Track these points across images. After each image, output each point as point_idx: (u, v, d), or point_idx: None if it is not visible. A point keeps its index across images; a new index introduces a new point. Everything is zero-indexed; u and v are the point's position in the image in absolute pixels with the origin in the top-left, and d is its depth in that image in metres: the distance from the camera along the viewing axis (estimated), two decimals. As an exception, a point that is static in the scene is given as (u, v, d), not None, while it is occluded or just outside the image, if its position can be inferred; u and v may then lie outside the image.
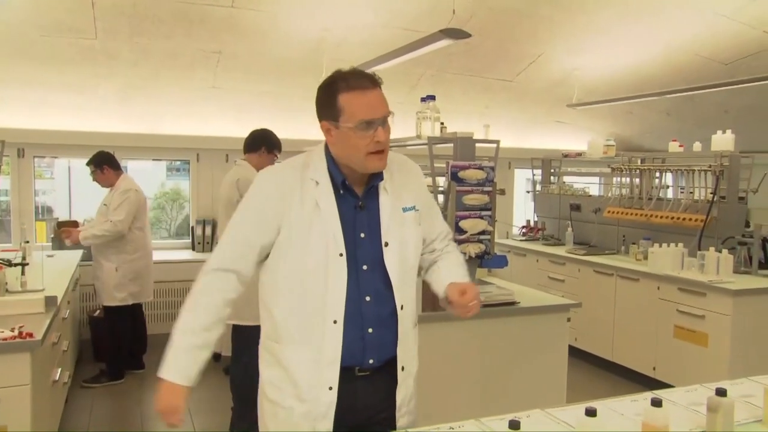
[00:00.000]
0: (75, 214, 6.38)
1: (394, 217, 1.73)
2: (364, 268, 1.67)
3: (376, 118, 1.61)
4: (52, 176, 8.15)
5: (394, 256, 1.70)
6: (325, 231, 1.65)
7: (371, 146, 1.62)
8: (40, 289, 3.22)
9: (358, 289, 1.66)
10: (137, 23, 4.60)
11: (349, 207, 1.69)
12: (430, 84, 5.99)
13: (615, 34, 5.27)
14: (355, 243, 1.67)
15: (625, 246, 5.21)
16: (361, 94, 1.62)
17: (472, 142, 3.04)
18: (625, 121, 7.32)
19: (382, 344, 1.70)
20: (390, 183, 1.75)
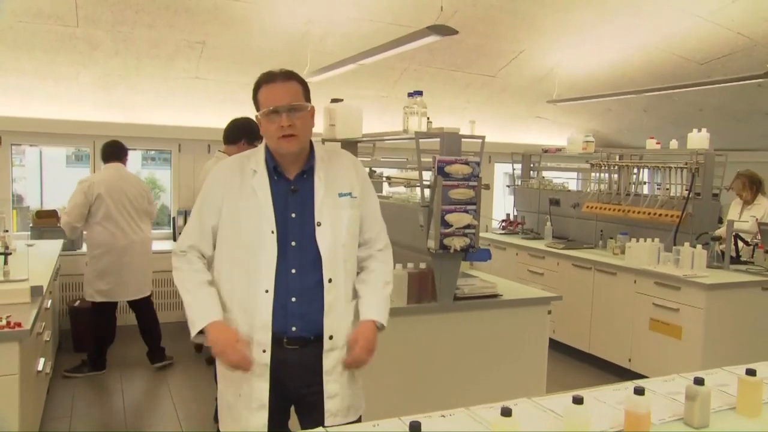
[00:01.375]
0: (46, 202, 6.29)
1: (327, 201, 1.94)
2: (292, 244, 1.90)
3: (279, 105, 1.86)
4: (22, 163, 8.03)
5: (326, 234, 1.91)
6: (259, 212, 1.89)
7: (278, 131, 1.87)
8: (24, 279, 3.19)
9: (285, 262, 1.88)
10: (120, 12, 4.56)
11: (282, 190, 1.93)
12: (413, 78, 6.04)
13: (594, 32, 5.37)
14: (286, 222, 1.90)
15: (602, 240, 5.32)
16: (271, 86, 1.90)
17: (459, 137, 3.08)
18: (603, 117, 7.45)
19: (306, 314, 1.88)
20: (324, 170, 1.97)
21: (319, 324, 1.89)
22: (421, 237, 3.11)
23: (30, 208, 6.52)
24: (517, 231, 6.21)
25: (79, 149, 6.26)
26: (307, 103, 1.92)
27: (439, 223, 2.99)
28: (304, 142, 1.92)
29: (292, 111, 1.87)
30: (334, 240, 1.92)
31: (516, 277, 5.31)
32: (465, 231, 3.04)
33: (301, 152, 1.94)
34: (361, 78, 5.72)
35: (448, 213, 2.99)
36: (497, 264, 5.79)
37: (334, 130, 3.86)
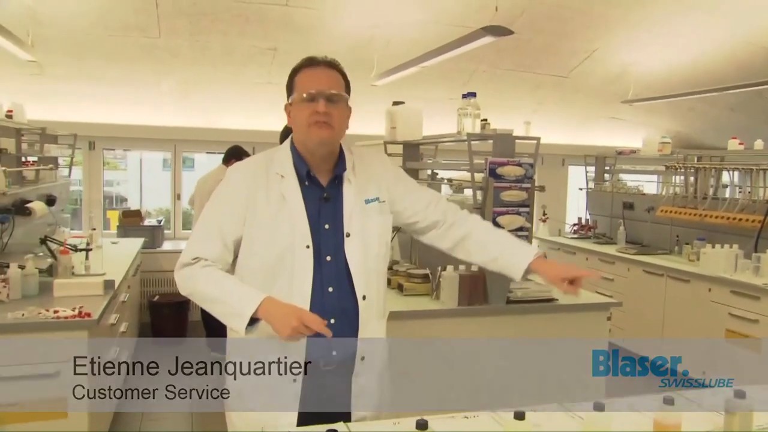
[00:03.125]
0: (146, 203, 6.71)
1: (356, 209, 1.76)
2: (327, 259, 1.71)
3: (319, 90, 1.68)
4: (125, 168, 8.60)
5: (356, 246, 1.73)
6: (292, 223, 1.69)
7: (311, 116, 1.67)
8: (101, 273, 3.44)
9: (321, 280, 1.69)
10: (197, 22, 4.81)
11: (315, 199, 1.73)
12: (482, 81, 5.98)
13: (672, 27, 5.13)
14: (319, 234, 1.70)
15: (678, 246, 5.07)
16: (311, 70, 1.74)
17: (512, 138, 3.05)
18: (685, 117, 7.08)
19: (342, 335, 1.69)
20: (353, 175, 1.79)
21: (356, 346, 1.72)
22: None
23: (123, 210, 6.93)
24: (589, 235, 6.02)
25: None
26: (347, 95, 1.75)
27: (490, 225, 2.96)
28: (338, 135, 1.73)
29: (331, 100, 1.69)
30: (365, 252, 1.74)
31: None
32: (517, 233, 3.00)
33: (332, 152, 1.76)
34: (429, 81, 5.74)
35: (499, 215, 2.96)
36: (566, 269, 5.64)
37: (395, 132, 3.92)
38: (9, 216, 3.27)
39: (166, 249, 5.69)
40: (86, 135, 5.73)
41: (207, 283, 1.67)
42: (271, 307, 1.59)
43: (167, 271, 5.55)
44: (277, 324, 1.57)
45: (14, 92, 4.85)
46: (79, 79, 5.39)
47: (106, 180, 7.74)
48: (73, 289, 3.01)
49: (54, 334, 2.53)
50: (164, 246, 5.76)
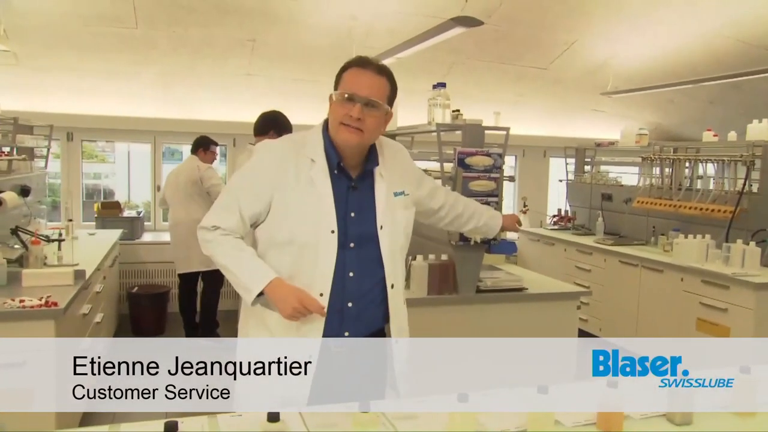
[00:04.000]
0: (133, 197, 6.67)
1: (388, 202, 1.82)
2: (351, 246, 1.77)
3: (357, 93, 1.71)
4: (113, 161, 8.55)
5: (387, 238, 1.81)
6: (319, 208, 1.74)
7: (344, 117, 1.72)
8: (74, 264, 3.44)
9: (343, 264, 1.75)
10: (174, 12, 4.78)
11: (342, 187, 1.78)
12: (461, 72, 5.99)
13: (652, 19, 5.15)
14: (345, 221, 1.76)
15: (654, 237, 5.11)
16: (360, 71, 1.75)
17: (481, 129, 3.07)
18: (665, 110, 7.13)
19: (361, 319, 1.79)
20: (384, 169, 1.84)
21: (373, 329, 1.82)
22: (443, 229, 3.11)
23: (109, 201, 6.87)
24: (569, 227, 6.06)
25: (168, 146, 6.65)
26: (387, 106, 1.76)
27: (459, 214, 2.98)
28: (367, 141, 1.77)
29: (369, 106, 1.72)
30: (393, 243, 1.83)
31: (563, 273, 5.21)
32: (486, 223, 3.01)
33: (361, 149, 1.80)
34: (409, 73, 5.70)
35: (468, 204, 2.98)
36: (545, 260, 5.69)
37: (369, 123, 3.92)
38: (-22, 206, 3.25)
39: (145, 240, 5.68)
40: (64, 126, 5.69)
41: (224, 254, 1.76)
42: (277, 288, 1.70)
43: (147, 262, 5.55)
44: (279, 304, 1.69)
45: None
46: (56, 70, 5.35)
47: (95, 173, 7.71)
48: (42, 279, 3.01)
49: (19, 324, 2.53)
50: (144, 238, 5.75)
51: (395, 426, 1.52)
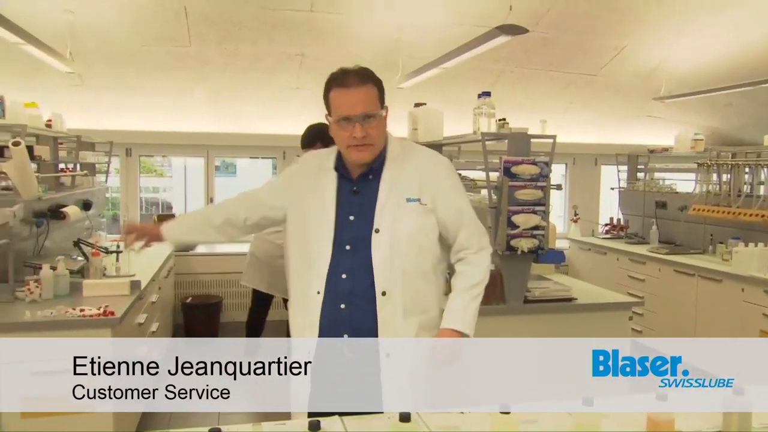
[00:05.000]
0: (189, 209, 6.87)
1: (390, 206, 1.82)
2: (346, 248, 1.82)
3: (353, 114, 1.75)
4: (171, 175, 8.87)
5: (383, 243, 1.80)
6: (321, 212, 1.84)
7: (349, 140, 1.78)
8: (131, 275, 3.58)
9: (337, 266, 1.82)
10: (225, 30, 4.94)
11: (347, 191, 1.86)
12: (510, 81, 5.95)
13: (705, 21, 5.00)
14: (343, 224, 1.83)
15: (712, 245, 4.94)
16: (344, 91, 1.78)
17: (527, 137, 3.04)
18: (722, 113, 6.88)
19: (355, 322, 1.80)
20: (393, 172, 1.85)
21: (369, 334, 1.80)
22: (490, 238, 3.09)
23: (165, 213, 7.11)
24: (621, 235, 5.91)
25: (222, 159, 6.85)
26: (382, 110, 1.81)
27: (505, 224, 2.97)
28: (378, 150, 1.83)
29: (367, 119, 1.77)
30: (392, 249, 1.79)
31: (615, 283, 5.08)
32: (533, 232, 2.99)
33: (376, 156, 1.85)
34: (456, 82, 5.74)
35: (514, 214, 2.96)
36: (597, 269, 5.57)
37: (416, 133, 3.96)
38: (44, 220, 3.42)
39: (199, 252, 5.84)
40: (123, 142, 5.93)
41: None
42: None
43: (200, 273, 5.70)
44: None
45: (57, 103, 5.06)
46: (115, 89, 5.59)
47: (153, 186, 8.01)
48: (101, 289, 3.14)
49: (79, 332, 2.65)
50: (197, 249, 5.92)
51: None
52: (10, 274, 3.02)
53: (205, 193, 6.36)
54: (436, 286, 1.90)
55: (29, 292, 2.97)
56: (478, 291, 1.87)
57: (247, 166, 8.29)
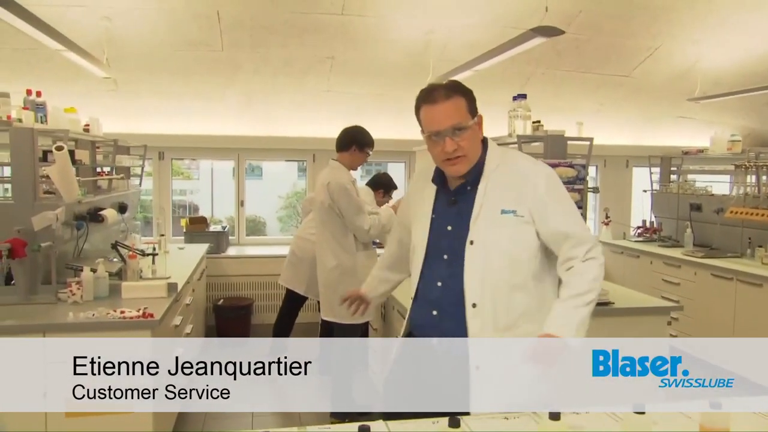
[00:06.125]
0: (216, 212, 6.96)
1: (486, 218, 1.80)
2: (444, 258, 1.85)
3: (441, 129, 1.79)
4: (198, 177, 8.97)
5: (477, 255, 1.79)
6: (422, 222, 1.92)
7: (441, 155, 1.82)
8: (167, 277, 3.62)
9: (432, 274, 1.87)
10: (256, 34, 4.98)
11: (444, 201, 1.91)
12: (541, 83, 5.90)
13: (740, 20, 4.91)
14: (440, 234, 1.87)
15: (751, 249, 4.83)
16: (430, 108, 1.81)
17: (564, 139, 3.02)
18: (761, 113, 6.73)
19: (446, 329, 1.84)
20: (490, 183, 1.82)
21: (463, 351, 1.79)
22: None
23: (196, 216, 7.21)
24: (654, 238, 5.83)
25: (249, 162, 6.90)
26: (472, 120, 1.81)
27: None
28: (472, 160, 1.83)
29: (457, 131, 1.78)
30: (486, 262, 1.78)
31: (649, 287, 5.00)
32: (570, 236, 2.95)
33: (472, 166, 1.85)
34: (488, 84, 5.67)
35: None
36: (630, 273, 5.49)
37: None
38: (83, 223, 3.49)
39: (230, 254, 5.90)
40: (156, 146, 6.03)
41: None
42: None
43: (231, 275, 5.76)
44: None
45: (93, 107, 5.16)
46: (149, 94, 5.69)
47: (181, 189, 8.11)
48: (139, 291, 3.19)
49: (120, 333, 2.69)
50: (228, 252, 5.98)
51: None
52: (53, 276, 3.09)
53: (236, 195, 6.42)
54: (538, 299, 1.82)
55: (71, 293, 3.03)
56: (583, 300, 1.73)
57: (273, 169, 8.36)
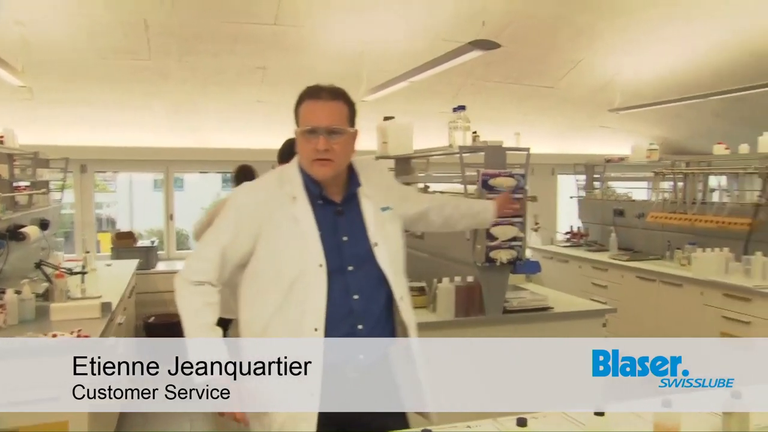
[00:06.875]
0: (136, 225, 6.68)
1: (378, 219, 1.86)
2: (349, 269, 1.78)
3: (318, 126, 1.73)
4: (114, 190, 8.57)
5: (384, 253, 1.83)
6: (304, 245, 1.74)
7: (313, 153, 1.75)
8: (98, 296, 3.44)
9: (346, 289, 1.76)
10: (185, 43, 4.84)
11: (329, 214, 1.81)
12: (470, 93, 6.04)
13: (655, 36, 5.22)
14: (339, 247, 1.78)
15: (670, 251, 5.12)
16: (313, 103, 1.77)
17: (503, 150, 3.10)
18: (672, 124, 7.18)
19: (373, 338, 1.80)
20: (368, 188, 1.88)
21: (385, 345, 1.82)
22: (469, 250, 3.13)
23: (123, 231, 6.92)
24: (581, 243, 6.07)
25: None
26: (350, 128, 1.79)
27: (484, 236, 3.00)
28: (339, 167, 1.80)
29: (332, 134, 1.74)
30: (392, 257, 1.84)
31: (579, 291, 5.19)
32: (511, 244, 3.04)
33: (338, 175, 1.82)
34: (418, 95, 5.79)
35: (493, 226, 2.99)
36: (559, 277, 5.69)
37: (386, 147, 3.96)
38: (3, 241, 3.27)
39: (160, 270, 5.68)
40: (78, 158, 5.73)
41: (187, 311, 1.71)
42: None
43: (163, 291, 5.53)
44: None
45: (6, 118, 4.86)
46: (70, 103, 5.40)
47: (96, 202, 7.71)
48: (70, 312, 3.02)
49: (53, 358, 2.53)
50: (158, 267, 5.75)
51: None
52: (-28, 300, 2.87)
53: (164, 208, 6.18)
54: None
55: (-7, 318, 2.82)
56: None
57: (194, 180, 8.13)
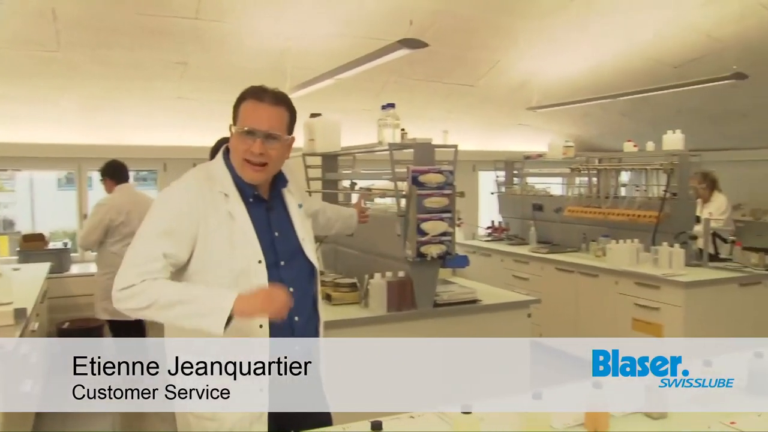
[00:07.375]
0: (38, 226, 6.30)
1: (300, 215, 1.90)
2: (282, 264, 1.79)
3: (257, 128, 1.71)
4: (12, 188, 8.02)
5: (310, 247, 1.89)
6: (244, 242, 1.73)
7: (246, 154, 1.73)
8: (8, 302, 3.22)
9: (280, 284, 1.71)
10: (98, 35, 4.61)
11: (261, 211, 1.80)
12: (394, 91, 6.11)
13: (569, 39, 5.48)
14: (272, 243, 1.79)
15: (585, 243, 5.38)
16: (255, 104, 1.74)
17: (431, 147, 3.15)
18: (583, 122, 7.55)
19: (307, 330, 1.84)
20: (292, 184, 1.93)
21: (315, 342, 1.86)
22: (399, 246, 3.17)
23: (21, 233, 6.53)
24: (503, 237, 6.28)
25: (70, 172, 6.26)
26: (287, 135, 1.78)
27: (415, 231, 3.05)
28: (271, 173, 1.80)
29: (270, 138, 1.72)
30: (313, 253, 1.88)
31: (502, 283, 5.37)
32: (441, 239, 3.10)
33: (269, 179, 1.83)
34: (343, 92, 5.80)
35: (423, 221, 3.05)
36: (483, 270, 5.85)
37: (313, 144, 3.94)
38: None
39: (74, 273, 5.39)
40: (-25, 156, 5.35)
41: (170, 290, 1.62)
42: (246, 296, 1.60)
43: (77, 295, 5.26)
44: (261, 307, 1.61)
45: None
46: (-32, 97, 5.03)
47: (-10, 202, 7.21)
48: (-21, 320, 2.81)
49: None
50: (72, 270, 5.46)
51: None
52: None
53: (78, 209, 5.87)
54: None
55: None
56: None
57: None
